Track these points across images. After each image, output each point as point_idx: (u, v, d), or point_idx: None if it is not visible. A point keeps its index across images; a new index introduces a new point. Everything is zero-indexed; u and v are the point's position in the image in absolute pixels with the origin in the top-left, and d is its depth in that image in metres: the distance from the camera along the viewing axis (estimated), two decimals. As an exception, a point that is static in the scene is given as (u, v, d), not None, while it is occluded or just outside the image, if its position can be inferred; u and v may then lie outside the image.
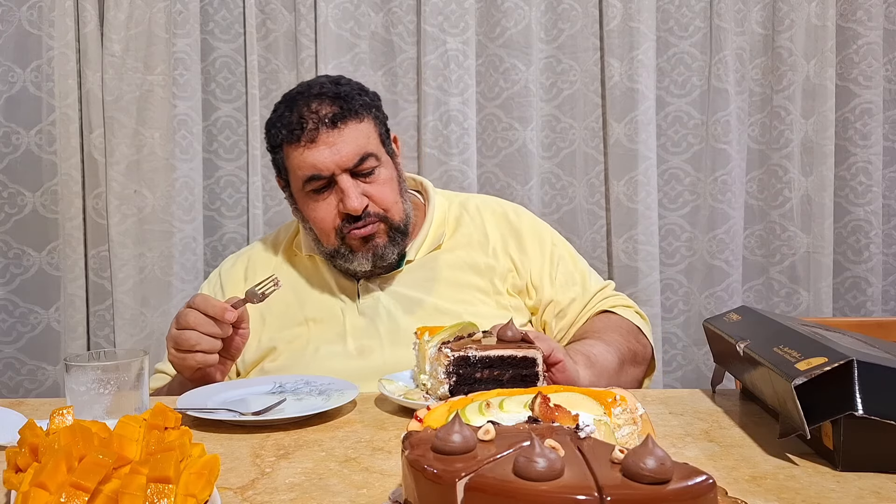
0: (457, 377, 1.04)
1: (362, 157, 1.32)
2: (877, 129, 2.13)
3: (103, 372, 0.96)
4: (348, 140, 1.31)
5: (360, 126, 1.34)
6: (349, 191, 1.31)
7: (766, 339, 0.96)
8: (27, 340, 2.10)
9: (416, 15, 2.08)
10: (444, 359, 1.04)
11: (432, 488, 0.56)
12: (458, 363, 1.04)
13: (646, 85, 2.07)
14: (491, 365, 1.05)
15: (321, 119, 1.31)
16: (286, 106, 1.37)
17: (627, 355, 1.32)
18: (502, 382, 1.04)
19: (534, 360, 1.05)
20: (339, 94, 1.34)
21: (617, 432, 0.73)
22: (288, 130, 1.33)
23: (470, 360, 1.04)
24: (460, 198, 1.54)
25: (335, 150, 1.31)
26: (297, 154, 1.33)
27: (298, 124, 1.32)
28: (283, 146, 1.35)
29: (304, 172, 1.33)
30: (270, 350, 1.38)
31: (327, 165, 1.31)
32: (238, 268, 1.50)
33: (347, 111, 1.33)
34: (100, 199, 2.05)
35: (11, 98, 2.05)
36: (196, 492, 0.65)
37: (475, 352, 1.05)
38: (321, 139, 1.31)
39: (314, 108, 1.32)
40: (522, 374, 1.05)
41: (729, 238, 2.13)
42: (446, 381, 1.04)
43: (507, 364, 1.05)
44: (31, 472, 0.66)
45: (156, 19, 2.02)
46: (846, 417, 0.79)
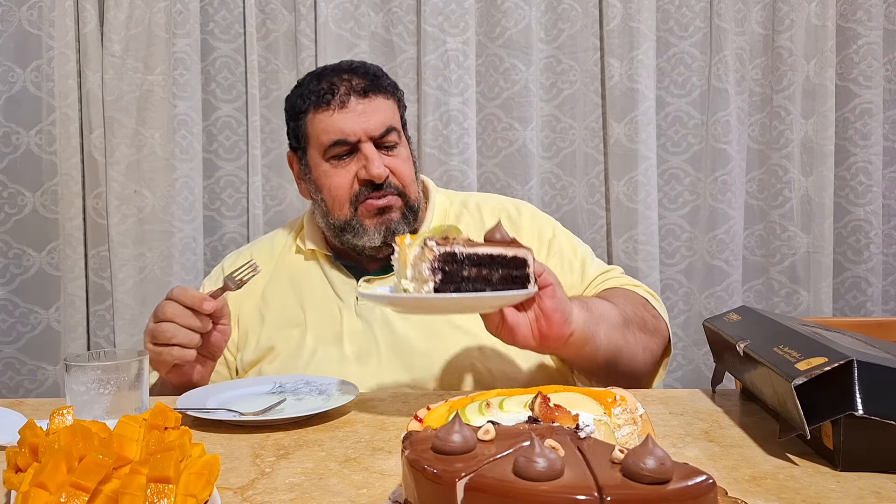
0: (443, 274, 0.94)
1: (388, 129, 1.34)
2: (877, 129, 2.13)
3: (103, 372, 0.96)
4: (377, 110, 1.33)
5: (388, 102, 1.36)
6: (374, 157, 1.31)
7: (766, 339, 0.96)
8: (27, 340, 2.10)
9: (416, 15, 2.08)
10: (429, 253, 0.94)
11: (432, 488, 0.56)
12: (445, 259, 0.94)
13: (646, 85, 2.07)
14: (479, 263, 0.96)
15: (353, 87, 1.33)
16: (314, 77, 1.38)
17: (634, 318, 1.25)
18: (491, 282, 0.96)
19: (524, 260, 0.98)
20: (368, 71, 1.37)
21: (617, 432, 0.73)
22: (318, 96, 1.34)
23: (457, 256, 0.95)
24: (461, 196, 1.53)
25: (364, 117, 1.32)
26: (324, 118, 1.33)
27: (330, 90, 1.33)
28: (310, 112, 1.35)
29: (329, 137, 1.33)
30: (269, 350, 1.36)
31: (355, 131, 1.32)
32: (240, 264, 1.49)
33: (377, 86, 1.35)
34: (100, 199, 2.06)
35: (11, 98, 2.05)
36: (196, 492, 0.65)
37: (462, 248, 0.95)
38: (351, 106, 1.32)
39: (345, 77, 1.34)
40: (513, 274, 0.98)
41: (729, 238, 2.13)
42: (431, 279, 0.94)
43: (497, 263, 0.97)
44: (31, 472, 0.66)
45: (156, 19, 2.02)
46: (846, 417, 0.79)
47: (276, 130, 2.12)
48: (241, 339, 1.40)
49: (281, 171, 2.13)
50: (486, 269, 0.97)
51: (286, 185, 2.13)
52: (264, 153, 2.11)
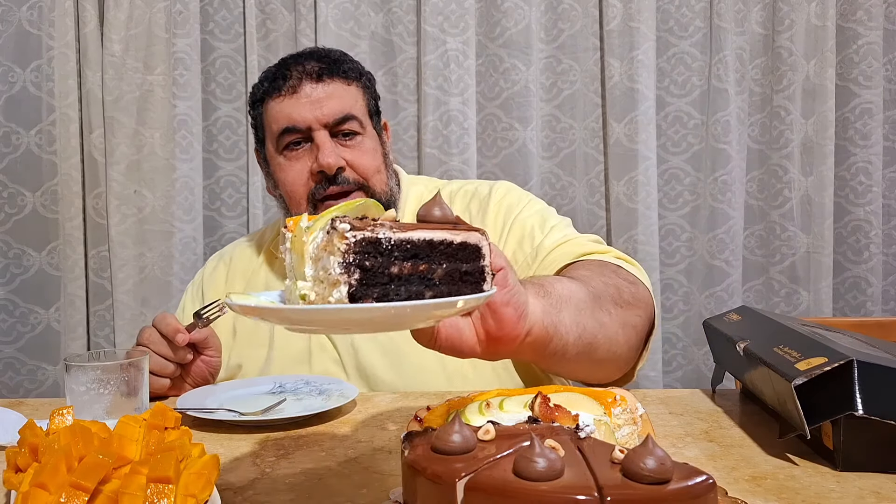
0: (361, 272, 0.59)
1: (344, 117, 1.25)
2: (877, 129, 2.13)
3: (103, 372, 0.96)
4: (333, 95, 1.25)
5: (347, 88, 1.27)
6: (324, 146, 1.22)
7: (766, 339, 0.96)
8: (27, 340, 2.10)
9: (416, 15, 2.08)
10: (340, 242, 0.59)
11: (432, 488, 0.56)
12: (364, 249, 0.59)
13: (646, 85, 2.07)
14: (415, 254, 0.62)
15: (306, 71, 1.25)
16: (275, 67, 1.32)
17: (605, 290, 1.01)
18: (433, 281, 0.63)
19: (477, 247, 0.66)
20: (327, 55, 1.29)
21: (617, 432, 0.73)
22: (270, 83, 1.27)
23: (381, 244, 0.60)
24: (437, 184, 1.44)
25: (317, 104, 1.24)
26: (275, 105, 1.26)
27: (282, 75, 1.26)
28: (265, 100, 1.29)
29: (280, 124, 1.25)
30: (237, 368, 1.31)
31: (305, 117, 1.23)
32: (220, 272, 1.43)
33: (334, 70, 1.26)
34: (100, 199, 2.06)
35: (11, 98, 2.05)
36: (196, 492, 0.65)
37: (389, 232, 0.61)
38: (303, 91, 1.24)
39: (301, 61, 1.27)
40: (462, 269, 0.64)
41: (729, 238, 2.13)
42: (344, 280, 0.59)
43: (440, 253, 0.63)
44: (31, 472, 0.66)
45: (156, 19, 2.02)
46: (846, 417, 0.79)
47: (276, 130, 2.12)
48: None
49: (281, 171, 2.13)
50: (425, 263, 0.63)
51: (286, 185, 2.13)
52: (264, 153, 2.11)
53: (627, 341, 1.04)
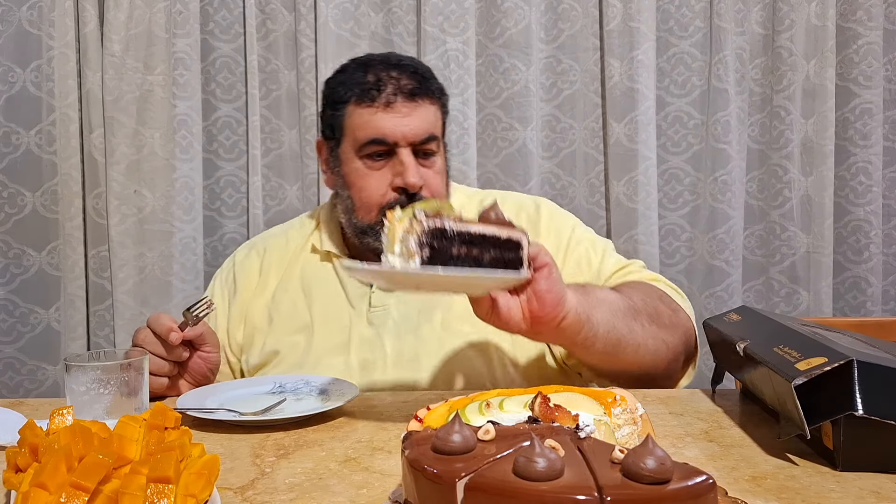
0: (430, 250, 0.87)
1: (429, 137, 1.28)
2: (877, 129, 2.13)
3: (103, 372, 0.96)
4: (421, 116, 1.27)
5: (432, 108, 1.30)
6: (410, 165, 1.26)
7: (766, 339, 0.96)
8: (27, 340, 2.10)
9: (416, 15, 2.08)
10: (417, 226, 0.87)
11: (432, 488, 0.56)
12: (434, 234, 0.87)
13: (646, 85, 2.07)
14: (470, 242, 0.89)
15: (401, 87, 1.26)
16: (359, 67, 1.30)
17: (645, 309, 1.16)
18: (482, 263, 0.90)
19: (518, 242, 0.92)
20: (418, 71, 1.30)
21: (617, 432, 0.73)
22: (362, 90, 1.27)
23: (446, 232, 0.88)
24: (480, 194, 1.47)
25: (407, 121, 1.26)
26: (366, 114, 1.27)
27: (375, 85, 1.26)
28: (350, 104, 1.28)
29: (367, 134, 1.27)
30: (273, 354, 1.33)
31: (394, 133, 1.25)
32: (253, 260, 1.43)
33: (426, 89, 1.29)
34: (100, 199, 2.06)
35: (11, 98, 2.05)
36: (196, 492, 0.65)
37: (453, 224, 0.88)
38: (396, 106, 1.26)
39: (394, 75, 1.27)
40: (506, 257, 0.92)
41: (729, 238, 2.13)
42: (417, 254, 0.86)
43: (489, 243, 0.91)
44: (31, 472, 0.66)
45: (156, 19, 2.02)
46: (846, 417, 0.79)
47: (276, 130, 2.12)
48: (246, 340, 1.37)
49: (281, 171, 2.13)
50: (477, 249, 0.90)
51: (286, 185, 2.13)
52: (264, 153, 2.11)
53: (656, 352, 1.16)
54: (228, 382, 1.23)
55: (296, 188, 2.13)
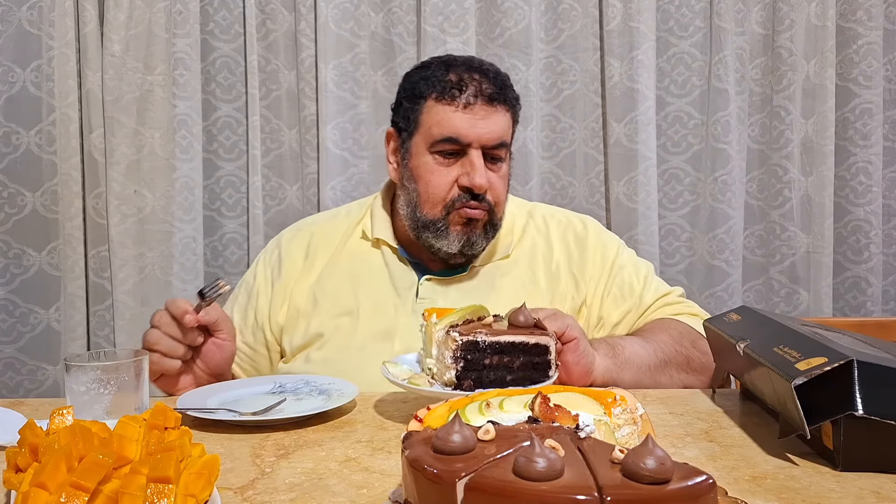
0: (464, 363, 0.99)
1: (500, 143, 1.30)
2: (877, 129, 2.13)
3: (103, 372, 0.96)
4: (496, 121, 1.30)
5: (507, 115, 1.32)
6: (479, 167, 1.28)
7: (766, 339, 0.96)
8: (27, 340, 2.10)
9: (416, 15, 2.08)
10: (452, 343, 0.98)
11: (432, 488, 0.56)
12: (467, 348, 0.98)
13: (646, 85, 2.07)
14: (501, 351, 0.99)
15: (482, 91, 1.29)
16: (442, 66, 1.33)
17: (675, 358, 1.25)
18: (512, 369, 1.00)
19: (546, 347, 1.00)
20: (499, 77, 1.32)
21: (617, 432, 0.73)
22: (443, 87, 1.29)
23: (479, 345, 0.99)
24: (528, 206, 1.50)
25: (483, 124, 1.28)
26: (444, 111, 1.29)
27: (458, 85, 1.29)
28: (429, 98, 1.30)
29: (442, 131, 1.29)
30: (317, 337, 1.34)
31: (469, 135, 1.28)
32: (300, 241, 1.44)
33: (504, 96, 1.31)
34: (100, 199, 2.06)
35: (11, 98, 2.05)
36: (196, 492, 0.65)
37: (485, 336, 0.99)
38: (475, 108, 1.28)
39: (476, 77, 1.30)
40: (534, 361, 1.00)
41: (729, 238, 2.13)
42: (453, 367, 0.99)
43: (518, 350, 1.00)
44: (31, 472, 0.66)
45: (156, 19, 2.02)
46: (846, 417, 0.79)
47: (276, 130, 2.12)
48: (288, 322, 1.37)
49: (281, 171, 2.13)
50: (508, 357, 1.00)
51: (286, 185, 2.13)
52: (264, 153, 2.11)
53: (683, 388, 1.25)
54: (228, 382, 1.23)
55: (296, 188, 2.13)
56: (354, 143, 2.11)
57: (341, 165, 2.09)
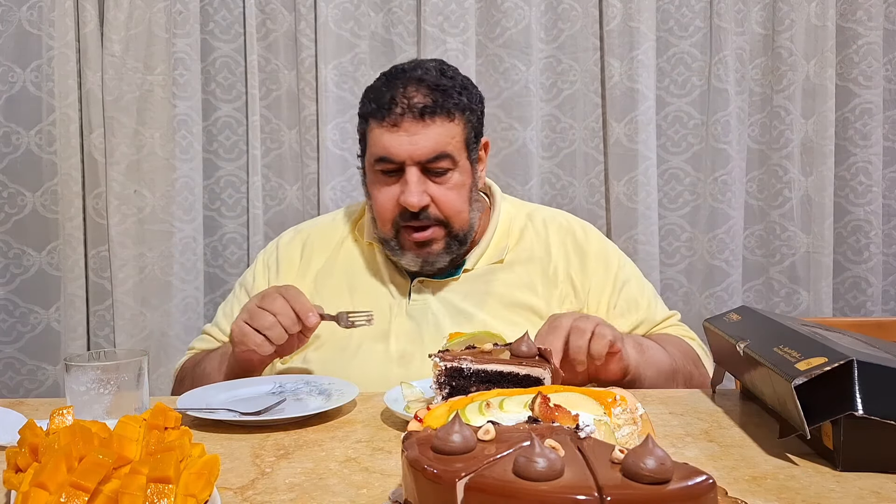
0: (450, 389, 0.96)
1: (437, 156, 1.29)
2: (877, 129, 2.13)
3: (103, 372, 0.96)
4: (430, 136, 1.28)
5: (448, 125, 1.30)
6: (411, 185, 1.28)
7: (766, 339, 0.96)
8: (27, 340, 2.10)
9: (416, 15, 2.08)
10: (435, 368, 0.97)
11: (432, 488, 0.56)
12: (451, 374, 0.97)
13: (646, 85, 2.07)
14: (488, 380, 0.96)
15: (410, 107, 1.28)
16: (385, 80, 1.33)
17: (682, 370, 1.29)
18: None
19: (539, 379, 0.95)
20: (438, 86, 1.30)
21: (617, 432, 0.73)
22: (377, 105, 1.30)
23: (463, 372, 0.96)
24: (528, 208, 1.50)
25: (413, 140, 1.27)
26: (377, 131, 1.30)
27: (388, 104, 1.28)
28: (369, 119, 1.32)
29: (376, 151, 1.30)
30: (314, 338, 1.34)
31: (399, 153, 1.28)
32: (295, 245, 1.46)
33: (439, 107, 1.28)
34: (100, 199, 2.05)
35: (11, 98, 2.05)
36: (196, 492, 0.65)
37: (469, 364, 0.96)
38: (404, 126, 1.27)
39: (409, 93, 1.29)
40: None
41: (729, 238, 2.13)
42: (438, 393, 0.97)
43: (507, 381, 0.96)
44: (31, 472, 0.66)
45: (156, 19, 2.02)
46: (846, 417, 0.79)
47: (276, 130, 2.12)
48: None
49: (281, 171, 2.13)
50: (497, 387, 0.95)
51: (286, 185, 2.13)
52: (264, 153, 2.11)
53: None
54: (229, 382, 1.23)
55: (296, 188, 2.13)
56: (354, 143, 2.10)
57: (341, 165, 2.09)
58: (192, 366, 1.38)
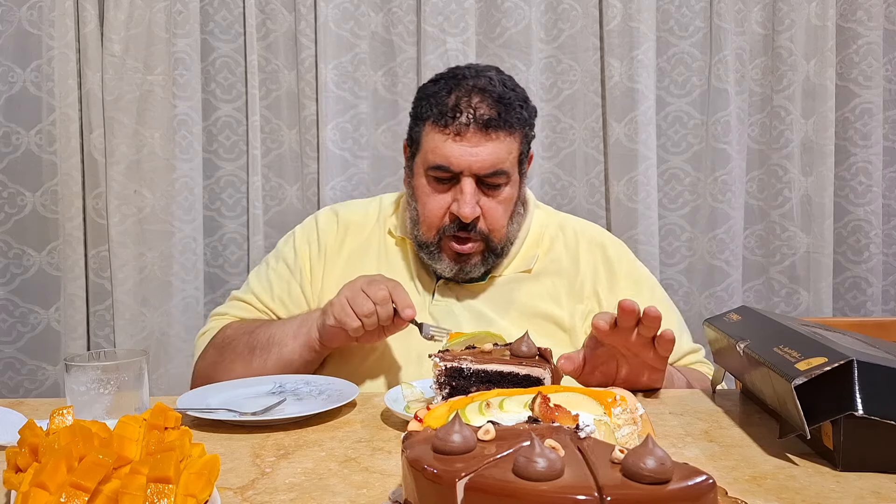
0: (450, 389, 0.97)
1: (496, 172, 1.27)
2: (877, 129, 2.13)
3: (103, 372, 0.96)
4: (491, 149, 1.26)
5: (507, 139, 1.28)
6: (468, 196, 1.26)
7: (766, 339, 0.96)
8: (27, 340, 2.10)
9: (416, 15, 2.08)
10: (435, 368, 0.98)
11: (432, 488, 0.56)
12: (451, 374, 0.97)
13: (646, 85, 2.07)
14: (488, 380, 0.96)
15: (476, 118, 1.25)
16: (447, 84, 1.30)
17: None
18: None
19: (539, 379, 0.95)
20: (502, 99, 1.28)
21: (617, 432, 0.73)
22: (439, 111, 1.27)
23: (463, 372, 0.97)
24: (560, 217, 1.48)
25: (474, 152, 1.25)
26: (437, 137, 1.27)
27: (452, 111, 1.26)
28: (427, 122, 1.29)
29: (434, 158, 1.27)
30: None
31: (459, 164, 1.26)
32: (333, 226, 1.44)
33: (503, 121, 1.27)
34: (100, 199, 2.05)
35: (11, 98, 2.05)
36: (196, 492, 0.65)
37: (469, 364, 0.97)
38: (467, 137, 1.25)
39: (475, 102, 1.26)
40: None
41: (729, 238, 2.13)
42: (438, 393, 0.98)
43: (507, 381, 0.96)
44: (31, 472, 0.66)
45: (156, 19, 2.02)
46: (846, 417, 0.79)
47: (276, 130, 2.12)
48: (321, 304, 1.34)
49: (281, 171, 2.13)
50: (497, 387, 0.95)
51: (286, 185, 2.13)
52: (264, 153, 2.11)
53: None
54: (228, 382, 1.23)
55: (296, 188, 2.13)
56: (354, 143, 2.11)
57: (341, 165, 2.09)
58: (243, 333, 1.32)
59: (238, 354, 1.29)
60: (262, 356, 1.28)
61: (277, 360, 1.27)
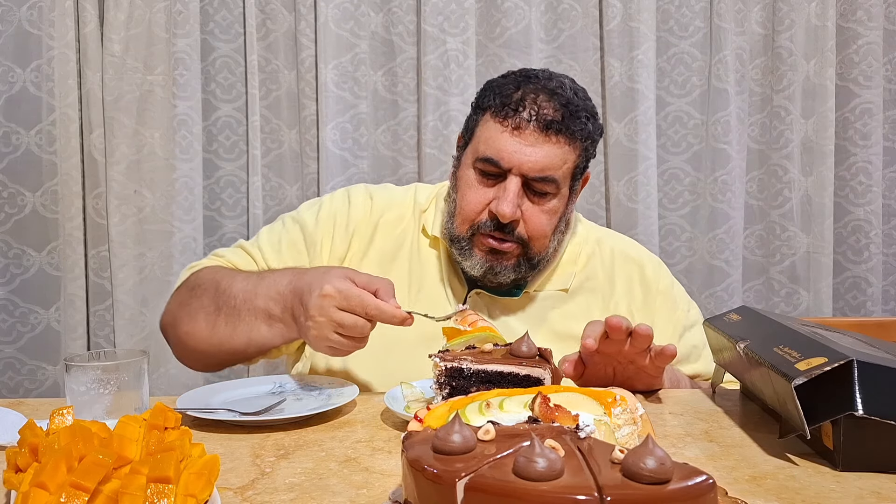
0: (450, 389, 0.96)
1: (545, 177, 1.21)
2: (877, 129, 2.13)
3: (103, 372, 0.96)
4: (546, 152, 1.20)
5: (565, 147, 1.22)
6: (510, 195, 1.20)
7: (766, 339, 0.96)
8: (27, 340, 2.10)
9: (416, 15, 2.08)
10: (436, 368, 0.97)
11: (432, 488, 0.56)
12: (451, 374, 0.96)
13: (646, 85, 2.07)
14: (488, 380, 0.96)
15: (539, 116, 1.20)
16: (516, 80, 1.25)
17: None
18: None
19: (539, 379, 0.95)
20: (569, 104, 1.22)
21: (617, 432, 0.72)
22: (502, 102, 1.22)
23: (463, 372, 0.96)
24: (598, 233, 1.43)
25: (529, 151, 1.20)
26: (493, 128, 1.22)
27: (515, 105, 1.21)
28: (487, 112, 1.24)
29: (486, 150, 1.22)
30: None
31: (510, 160, 1.20)
32: (365, 213, 1.36)
33: (565, 126, 1.21)
34: (100, 199, 2.06)
35: (11, 98, 2.05)
36: (196, 492, 0.65)
37: (470, 364, 0.96)
38: (525, 134, 1.20)
39: (541, 101, 1.21)
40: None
41: (729, 238, 2.13)
42: (438, 393, 0.97)
43: (507, 381, 0.95)
44: (31, 472, 0.66)
45: (156, 19, 2.02)
46: (846, 417, 0.79)
47: (276, 130, 2.12)
48: None
49: (281, 171, 2.13)
50: (496, 387, 0.94)
51: (286, 185, 2.13)
52: (264, 153, 2.11)
53: None
54: (228, 382, 1.22)
55: (296, 188, 2.13)
56: (354, 143, 2.11)
57: (341, 165, 2.09)
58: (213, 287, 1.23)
59: (202, 307, 1.21)
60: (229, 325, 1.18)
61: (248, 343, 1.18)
